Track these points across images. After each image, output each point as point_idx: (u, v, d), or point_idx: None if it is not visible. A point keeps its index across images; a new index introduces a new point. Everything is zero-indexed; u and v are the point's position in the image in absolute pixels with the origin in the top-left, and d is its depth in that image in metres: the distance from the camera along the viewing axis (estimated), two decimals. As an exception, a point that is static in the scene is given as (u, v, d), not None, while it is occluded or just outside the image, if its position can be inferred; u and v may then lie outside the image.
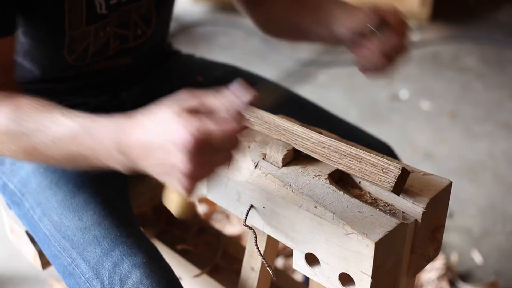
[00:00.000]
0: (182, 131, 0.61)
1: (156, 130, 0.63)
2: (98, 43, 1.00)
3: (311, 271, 0.75)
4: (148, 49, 1.10)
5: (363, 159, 0.73)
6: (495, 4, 3.54)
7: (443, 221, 0.79)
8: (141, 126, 0.66)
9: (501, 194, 2.03)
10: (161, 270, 0.86)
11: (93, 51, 1.00)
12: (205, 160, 0.62)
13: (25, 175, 0.99)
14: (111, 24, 0.99)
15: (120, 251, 0.87)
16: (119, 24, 1.01)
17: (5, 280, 1.70)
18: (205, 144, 0.61)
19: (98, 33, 0.98)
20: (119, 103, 1.12)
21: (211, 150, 0.62)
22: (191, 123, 0.61)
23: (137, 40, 1.05)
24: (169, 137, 0.62)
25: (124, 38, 1.03)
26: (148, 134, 0.64)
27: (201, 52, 2.99)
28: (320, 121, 1.11)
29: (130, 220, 0.94)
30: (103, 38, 1.00)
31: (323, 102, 1.43)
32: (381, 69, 0.96)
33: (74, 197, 0.93)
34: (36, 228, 0.96)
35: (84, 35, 0.96)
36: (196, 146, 0.60)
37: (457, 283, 1.66)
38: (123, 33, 1.03)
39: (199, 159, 0.61)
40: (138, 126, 0.66)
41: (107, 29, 0.99)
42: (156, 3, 1.04)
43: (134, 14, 1.02)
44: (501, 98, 2.63)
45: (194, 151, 0.60)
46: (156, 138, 0.63)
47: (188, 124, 0.61)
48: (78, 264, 0.88)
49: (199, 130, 0.61)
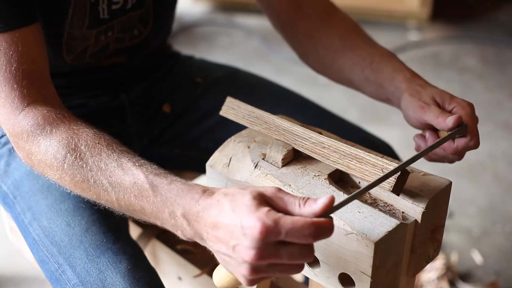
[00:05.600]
0: (255, 219, 0.58)
1: (229, 213, 0.61)
2: (98, 46, 1.00)
3: (311, 271, 0.75)
4: (146, 49, 1.10)
5: (363, 159, 0.73)
6: (495, 4, 3.54)
7: (443, 221, 0.79)
8: (216, 203, 0.63)
9: (501, 194, 2.03)
10: (145, 277, 0.85)
11: (92, 53, 1.00)
12: (271, 253, 0.58)
13: (18, 177, 0.98)
14: (114, 29, 0.99)
15: (106, 257, 0.86)
16: (122, 30, 1.01)
17: (5, 280, 1.70)
18: (274, 233, 0.57)
19: (99, 37, 0.98)
20: (119, 104, 1.12)
21: (280, 244, 0.58)
22: (266, 214, 0.58)
23: (133, 40, 1.05)
24: (240, 222, 0.59)
25: (124, 41, 1.03)
26: (221, 215, 0.61)
27: (201, 52, 2.97)
28: (320, 121, 1.11)
29: (119, 225, 0.93)
30: (104, 41, 1.00)
31: (323, 102, 1.43)
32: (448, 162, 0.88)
33: (64, 202, 0.92)
34: (26, 232, 0.95)
35: (85, 37, 0.96)
36: (265, 234, 0.57)
37: (457, 283, 1.66)
38: (126, 37, 1.03)
39: (266, 250, 0.58)
40: (214, 202, 0.63)
41: (109, 33, 0.99)
42: (154, 3, 1.03)
43: (138, 21, 1.02)
44: (501, 98, 2.63)
45: (262, 239, 0.57)
46: (227, 220, 0.60)
47: (264, 215, 0.58)
48: (64, 270, 0.87)
49: (272, 219, 0.58)
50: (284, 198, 0.61)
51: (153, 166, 0.72)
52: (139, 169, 0.70)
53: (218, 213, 0.62)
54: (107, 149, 0.74)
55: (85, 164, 0.73)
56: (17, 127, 0.79)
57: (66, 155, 0.74)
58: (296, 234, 0.57)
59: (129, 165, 0.71)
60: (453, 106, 0.85)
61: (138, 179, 0.69)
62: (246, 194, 0.61)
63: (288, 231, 0.57)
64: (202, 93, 1.19)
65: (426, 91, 0.88)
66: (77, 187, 0.75)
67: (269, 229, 0.57)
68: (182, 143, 1.18)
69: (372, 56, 0.98)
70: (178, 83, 1.20)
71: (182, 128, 1.17)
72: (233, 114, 0.86)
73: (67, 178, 0.75)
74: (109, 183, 0.71)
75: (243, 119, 0.84)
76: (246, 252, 0.58)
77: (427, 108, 0.85)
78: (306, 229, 0.57)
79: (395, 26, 3.22)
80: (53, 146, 0.75)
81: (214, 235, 0.62)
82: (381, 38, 3.18)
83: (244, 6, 3.29)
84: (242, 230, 0.58)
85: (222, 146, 0.85)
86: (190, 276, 1.11)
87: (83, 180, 0.74)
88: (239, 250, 0.59)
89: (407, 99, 0.89)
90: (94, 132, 0.76)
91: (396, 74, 0.93)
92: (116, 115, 1.12)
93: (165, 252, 1.15)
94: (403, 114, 0.91)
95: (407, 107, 0.88)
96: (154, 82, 1.18)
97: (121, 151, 0.74)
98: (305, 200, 0.60)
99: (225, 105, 0.87)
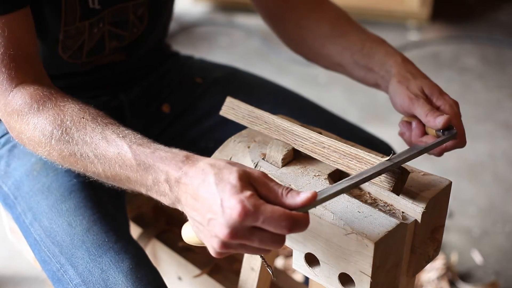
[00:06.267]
0: (236, 201, 0.59)
1: (212, 186, 0.62)
2: (93, 40, 0.99)
3: (311, 271, 0.74)
4: (143, 47, 1.10)
5: (363, 159, 0.73)
6: (495, 4, 3.54)
7: (443, 221, 0.79)
8: (201, 172, 0.64)
9: (501, 194, 2.03)
10: (148, 276, 0.86)
11: (88, 49, 1.00)
12: (244, 235, 0.60)
13: (18, 178, 0.98)
14: (105, 20, 0.99)
15: (108, 257, 0.86)
16: (114, 22, 1.00)
17: (5, 280, 1.70)
18: (251, 218, 0.59)
19: (92, 29, 0.98)
20: (118, 104, 1.12)
21: (255, 228, 0.60)
22: (249, 198, 0.59)
23: (132, 37, 1.05)
24: (220, 199, 0.60)
25: (121, 37, 1.03)
26: (204, 185, 0.62)
27: (201, 52, 2.97)
28: (320, 121, 1.11)
29: (120, 225, 0.94)
30: (97, 34, 0.99)
31: (323, 102, 1.43)
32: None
33: (65, 202, 0.92)
34: (27, 233, 0.95)
35: (79, 32, 0.96)
36: (243, 218, 0.59)
37: (457, 283, 1.66)
38: (121, 33, 1.03)
39: (240, 232, 0.60)
40: (198, 171, 0.64)
41: (100, 25, 0.98)
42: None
43: (132, 15, 1.02)
44: (501, 98, 2.63)
45: (239, 221, 0.59)
46: (208, 193, 0.62)
47: (246, 198, 0.59)
48: (66, 270, 0.87)
49: (253, 205, 0.59)
50: (268, 185, 0.62)
51: (137, 136, 0.73)
52: (122, 140, 0.72)
53: (201, 183, 0.63)
54: (92, 123, 0.75)
55: (71, 139, 0.75)
56: (8, 107, 0.81)
57: (52, 131, 0.76)
58: (272, 224, 0.59)
59: (113, 137, 0.73)
60: (441, 103, 0.86)
61: (122, 149, 0.71)
62: (233, 171, 0.62)
63: (265, 219, 0.59)
64: (202, 93, 1.19)
65: (416, 81, 0.88)
66: (65, 161, 0.77)
67: (248, 213, 0.59)
68: (182, 143, 1.17)
69: (363, 42, 0.99)
70: (177, 83, 1.20)
71: (181, 128, 1.17)
72: (233, 114, 0.86)
73: (55, 153, 0.77)
74: (94, 155, 0.73)
75: (243, 119, 0.84)
76: (221, 229, 0.60)
77: (415, 101, 0.85)
78: (283, 220, 0.59)
79: (395, 26, 3.22)
80: (41, 123, 0.77)
81: (192, 204, 0.63)
82: (381, 38, 3.19)
83: (244, 6, 3.29)
84: (222, 208, 0.60)
85: (222, 146, 0.85)
86: (190, 276, 1.11)
87: (70, 154, 0.76)
88: (214, 224, 0.61)
89: (395, 85, 0.89)
90: (80, 107, 0.78)
91: (387, 58, 0.94)
92: (115, 115, 1.11)
93: (165, 252, 1.15)
94: (390, 99, 0.91)
95: (395, 93, 0.89)
96: (154, 82, 1.18)
97: (106, 123, 0.76)
98: (288, 190, 0.62)
99: (225, 105, 0.87)
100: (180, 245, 1.14)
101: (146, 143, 0.72)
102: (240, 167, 0.63)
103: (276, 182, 0.63)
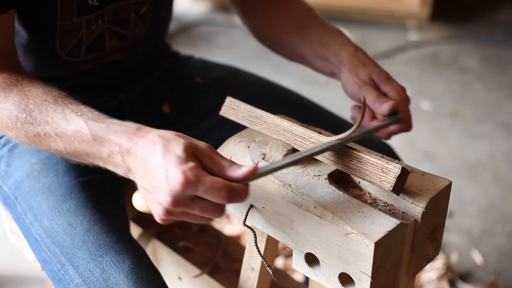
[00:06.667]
0: (179, 171, 0.63)
1: (159, 156, 0.66)
2: (91, 37, 0.99)
3: (311, 271, 0.75)
4: (144, 47, 1.10)
5: (363, 159, 0.73)
6: (495, 4, 3.54)
7: (443, 221, 0.79)
8: (150, 143, 0.68)
9: (501, 194, 2.03)
10: (148, 276, 0.86)
11: (86, 46, 1.00)
12: (186, 204, 0.64)
13: (19, 178, 0.98)
14: (105, 18, 0.99)
15: (108, 257, 0.86)
16: (114, 20, 1.00)
17: (5, 280, 1.70)
18: (192, 188, 0.63)
19: (90, 26, 0.98)
20: (118, 105, 1.12)
21: (196, 197, 0.64)
22: (191, 169, 0.63)
23: (135, 37, 1.05)
24: (165, 169, 0.64)
25: (122, 37, 1.03)
26: (152, 155, 0.67)
27: (201, 52, 2.98)
28: (320, 121, 1.11)
29: (121, 225, 0.94)
30: (95, 31, 0.99)
31: (323, 102, 1.43)
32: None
33: (65, 202, 0.93)
34: (28, 233, 0.95)
35: (76, 28, 0.96)
36: (184, 187, 0.63)
37: (457, 283, 1.66)
38: (123, 32, 1.03)
39: (182, 201, 0.64)
40: (148, 141, 0.68)
41: (99, 22, 0.98)
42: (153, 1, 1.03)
43: (133, 14, 1.02)
44: (501, 98, 2.63)
45: (181, 191, 0.63)
46: (155, 162, 0.66)
47: (188, 169, 0.63)
48: (67, 270, 0.88)
49: (195, 176, 0.63)
50: (213, 157, 0.66)
51: (94, 113, 0.78)
52: (80, 118, 0.77)
53: (149, 153, 0.67)
54: (53, 105, 0.80)
55: (35, 121, 0.80)
56: None
57: (17, 115, 0.81)
58: (212, 193, 0.63)
59: (71, 116, 0.78)
60: (389, 89, 0.91)
61: (79, 126, 0.76)
62: (179, 143, 0.66)
63: (206, 189, 0.63)
64: (202, 93, 1.19)
65: (365, 68, 0.94)
66: (31, 142, 0.82)
67: (190, 183, 0.63)
68: (182, 143, 1.18)
69: (322, 34, 1.04)
70: (177, 83, 1.20)
71: (181, 128, 1.17)
72: (233, 114, 0.86)
73: (21, 135, 0.82)
74: (56, 134, 0.78)
75: (243, 119, 0.84)
76: (164, 197, 0.64)
77: (363, 88, 0.92)
78: (222, 191, 0.63)
79: (395, 26, 3.22)
80: (7, 109, 0.82)
81: (141, 172, 0.68)
82: (381, 38, 3.19)
83: (244, 6, 3.28)
84: (166, 178, 0.64)
85: (222, 146, 0.85)
86: (190, 276, 1.11)
87: (35, 135, 0.81)
88: (158, 193, 0.65)
89: (345, 74, 0.96)
90: (44, 91, 0.83)
91: (341, 48, 0.99)
92: (115, 115, 1.11)
93: (165, 252, 1.15)
94: (342, 87, 0.97)
95: (346, 81, 0.96)
96: (154, 82, 1.18)
97: (66, 103, 0.80)
98: (231, 164, 0.66)
99: (225, 105, 0.87)
100: (180, 245, 1.14)
101: (101, 119, 0.76)
102: (187, 139, 0.67)
103: (221, 155, 0.67)
